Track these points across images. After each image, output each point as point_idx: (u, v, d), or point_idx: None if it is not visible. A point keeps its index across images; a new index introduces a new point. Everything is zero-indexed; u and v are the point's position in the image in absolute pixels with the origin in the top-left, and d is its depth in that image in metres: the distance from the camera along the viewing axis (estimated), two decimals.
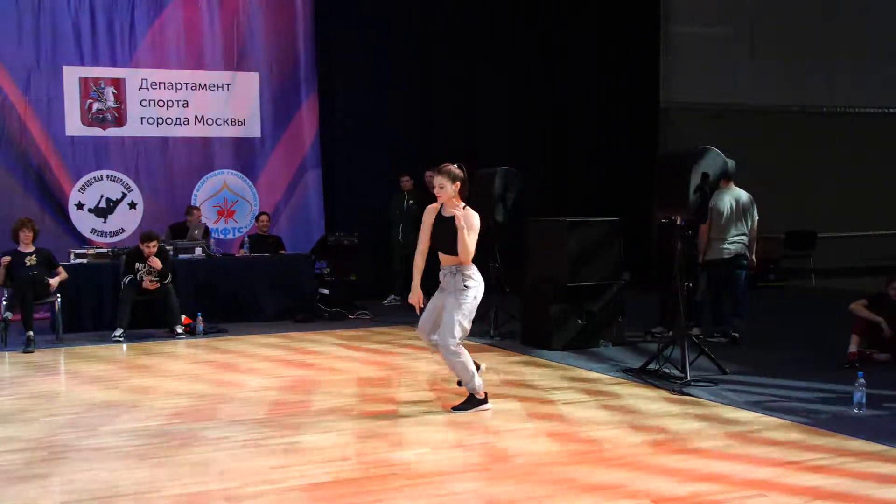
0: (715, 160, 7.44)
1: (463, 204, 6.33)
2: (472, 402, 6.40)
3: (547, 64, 14.97)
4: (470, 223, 6.22)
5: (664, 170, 8.05)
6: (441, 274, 6.36)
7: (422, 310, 6.44)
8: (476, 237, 6.25)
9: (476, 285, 6.26)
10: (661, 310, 9.86)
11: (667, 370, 7.41)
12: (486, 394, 6.46)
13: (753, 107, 16.47)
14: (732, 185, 9.32)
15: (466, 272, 6.23)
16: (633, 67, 15.59)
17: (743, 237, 9.28)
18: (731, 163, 9.18)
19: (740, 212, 9.25)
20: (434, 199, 6.46)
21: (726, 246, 9.20)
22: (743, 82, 16.56)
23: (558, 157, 15.04)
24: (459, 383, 6.55)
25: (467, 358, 6.29)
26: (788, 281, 15.33)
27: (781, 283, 15.15)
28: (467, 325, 6.25)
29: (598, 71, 15.27)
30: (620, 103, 15.40)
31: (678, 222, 7.67)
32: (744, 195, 9.34)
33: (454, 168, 6.33)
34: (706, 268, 9.34)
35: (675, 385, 7.05)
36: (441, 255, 6.35)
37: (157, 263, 10.24)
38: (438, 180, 6.30)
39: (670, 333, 8.10)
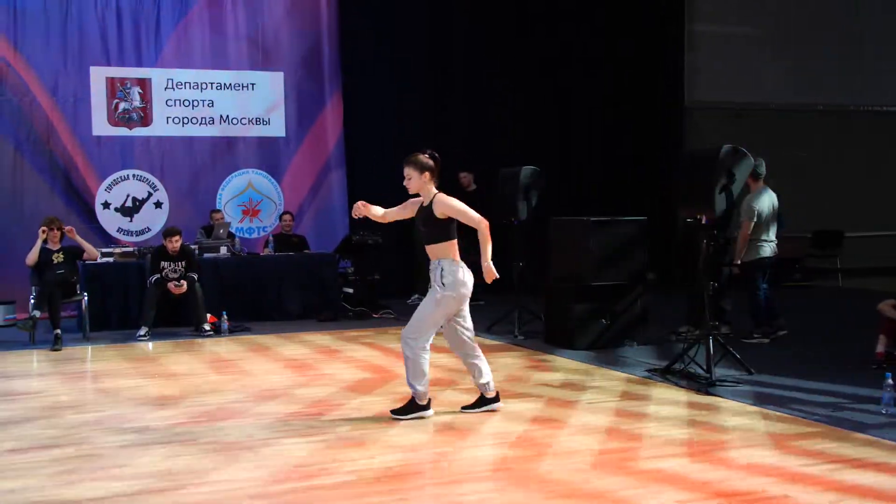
0: (740, 159, 7.39)
1: (435, 191, 6.08)
2: (413, 406, 6.13)
3: (569, 62, 14.94)
4: (445, 205, 5.96)
5: (688, 169, 8.00)
6: (430, 269, 6.08)
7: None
8: (468, 212, 5.96)
9: (452, 282, 5.90)
10: (689, 309, 9.79)
11: (692, 370, 7.37)
12: (429, 399, 6.17)
13: (778, 106, 16.35)
14: (764, 185, 9.31)
15: (447, 267, 5.94)
16: (657, 66, 15.54)
17: (775, 240, 9.31)
18: (761, 163, 9.18)
19: (775, 213, 9.28)
20: (469, 197, 6.37)
21: (765, 246, 9.22)
22: (767, 81, 16.44)
23: (581, 156, 15.00)
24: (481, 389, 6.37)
25: (426, 362, 6.01)
26: (815, 281, 15.22)
27: (808, 283, 15.05)
28: (432, 327, 6.00)
29: (621, 70, 15.22)
30: (644, 102, 15.35)
31: (703, 221, 7.63)
32: (775, 196, 9.34)
33: (422, 156, 6.09)
34: (742, 269, 9.29)
35: (700, 385, 7.01)
36: (426, 248, 6.08)
37: (182, 288, 10.37)
38: (406, 171, 6.08)
39: (698, 333, 8.06)
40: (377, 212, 6.36)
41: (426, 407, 6.15)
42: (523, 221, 10.10)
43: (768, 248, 9.30)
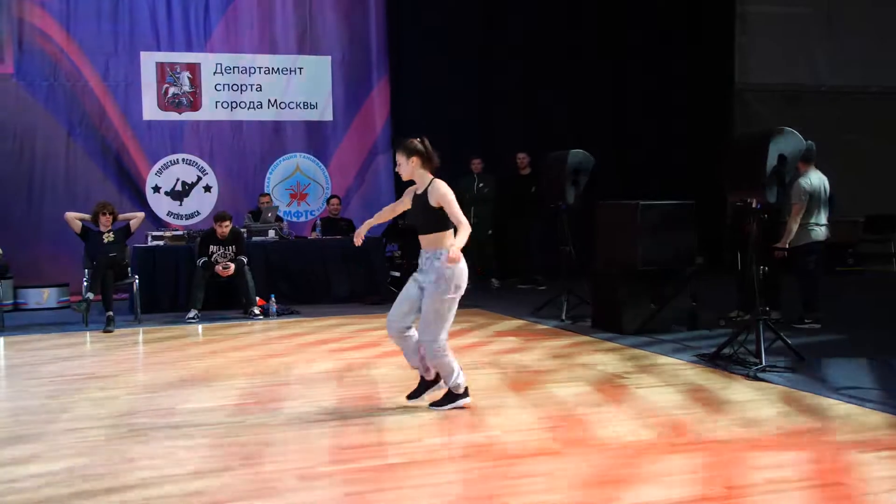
0: (792, 141, 7.28)
1: (431, 177, 6.02)
2: (451, 397, 5.95)
3: (618, 44, 14.81)
4: (439, 194, 5.84)
5: (738, 151, 7.89)
6: (420, 259, 5.97)
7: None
8: (455, 206, 5.77)
9: (452, 274, 5.74)
10: (739, 294, 9.69)
11: (742, 355, 7.29)
12: (466, 387, 5.99)
13: (831, 88, 16.07)
14: (814, 168, 9.15)
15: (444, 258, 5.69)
16: (707, 48, 15.37)
17: (825, 223, 9.16)
18: (811, 145, 9.00)
19: (826, 196, 9.13)
20: (522, 180, 6.29)
21: (815, 230, 9.07)
22: (820, 63, 16.16)
23: (630, 139, 14.89)
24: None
25: (451, 356, 5.86)
26: (868, 266, 14.99)
27: (861, 268, 14.83)
28: (450, 319, 5.87)
29: (671, 52, 15.06)
30: (694, 85, 15.19)
31: (753, 205, 7.54)
32: (825, 179, 9.18)
33: (412, 141, 5.99)
34: (793, 253, 9.15)
35: (749, 371, 6.93)
36: (420, 238, 5.95)
37: (230, 270, 10.45)
38: (396, 158, 6.03)
39: (748, 317, 7.97)
40: (373, 222, 6.38)
41: (464, 395, 6.00)
42: (571, 206, 10.05)
43: (819, 232, 9.14)
